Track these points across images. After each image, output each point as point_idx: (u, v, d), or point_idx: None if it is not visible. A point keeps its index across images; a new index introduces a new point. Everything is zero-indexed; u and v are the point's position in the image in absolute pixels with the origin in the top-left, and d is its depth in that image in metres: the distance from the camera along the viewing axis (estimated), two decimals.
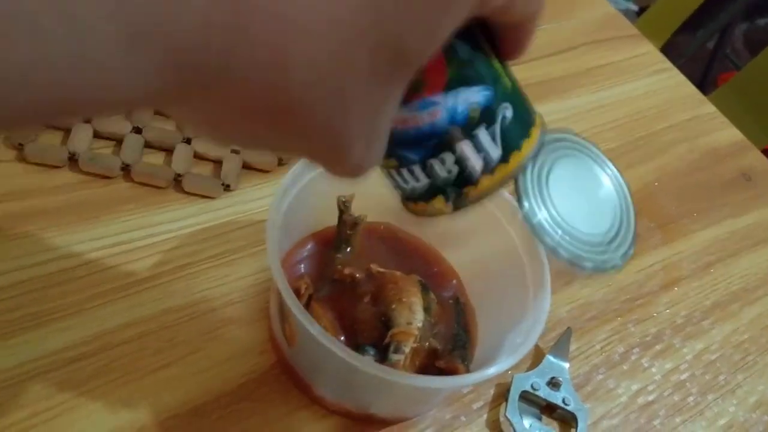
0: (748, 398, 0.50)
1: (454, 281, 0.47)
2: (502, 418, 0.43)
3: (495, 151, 0.25)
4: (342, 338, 0.40)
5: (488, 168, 0.25)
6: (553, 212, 0.28)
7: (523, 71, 0.70)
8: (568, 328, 0.48)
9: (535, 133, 0.26)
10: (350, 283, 0.43)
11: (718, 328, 0.54)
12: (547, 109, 0.64)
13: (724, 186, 0.65)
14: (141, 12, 0.15)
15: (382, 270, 0.42)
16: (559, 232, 0.27)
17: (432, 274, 0.47)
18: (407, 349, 0.38)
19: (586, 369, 0.48)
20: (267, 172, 0.50)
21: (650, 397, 0.48)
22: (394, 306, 0.40)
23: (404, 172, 0.26)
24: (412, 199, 0.28)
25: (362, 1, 0.17)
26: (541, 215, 0.27)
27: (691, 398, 0.49)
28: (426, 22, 0.19)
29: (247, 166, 0.49)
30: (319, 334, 0.33)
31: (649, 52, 0.76)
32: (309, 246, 0.44)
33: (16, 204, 0.43)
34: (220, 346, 0.41)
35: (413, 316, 0.39)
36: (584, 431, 0.43)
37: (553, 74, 0.68)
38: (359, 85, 0.19)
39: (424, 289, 0.43)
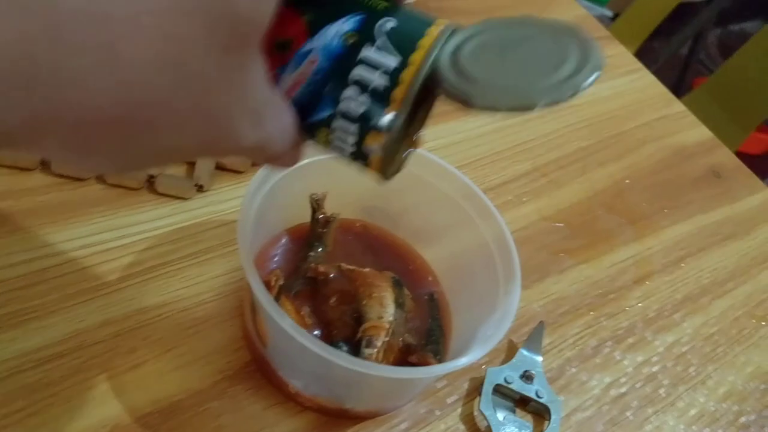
0: (718, 389, 0.51)
1: (430, 278, 0.48)
2: (476, 412, 0.44)
3: (391, 60, 0.24)
4: (316, 333, 0.41)
5: (394, 79, 0.24)
6: (482, 75, 0.25)
7: None
8: (541, 321, 0.48)
9: (433, 30, 0.25)
10: (323, 280, 0.43)
11: (689, 320, 0.55)
12: None
13: (693, 183, 0.66)
14: None
15: (351, 267, 0.43)
16: (490, 88, 0.24)
17: (407, 271, 0.47)
18: (379, 343, 0.39)
19: (559, 362, 0.48)
20: (240, 173, 0.50)
21: (622, 389, 0.48)
22: (365, 302, 0.41)
23: (338, 134, 0.25)
24: (362, 157, 0.26)
25: None
26: (467, 83, 0.24)
27: (662, 390, 0.50)
28: None
29: (220, 167, 0.49)
30: (290, 327, 0.33)
31: (620, 54, 0.78)
32: (283, 242, 0.44)
33: None
34: (195, 345, 0.41)
35: (384, 310, 0.40)
36: (557, 423, 0.44)
37: None
38: (206, 65, 0.19)
39: (397, 284, 0.43)
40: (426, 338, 0.43)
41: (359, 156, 0.26)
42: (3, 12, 0.15)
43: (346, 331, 0.41)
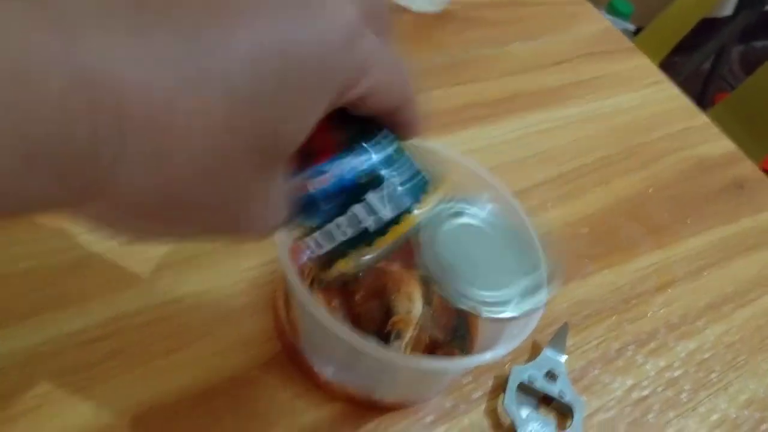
0: (740, 396, 0.51)
1: None
2: (500, 409, 0.44)
3: (386, 213, 0.27)
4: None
5: (380, 229, 0.27)
6: (454, 268, 0.30)
7: (518, 82, 0.72)
8: (565, 323, 0.49)
9: (429, 199, 0.28)
10: (353, 275, 0.44)
11: (711, 328, 0.55)
12: (542, 118, 0.67)
13: (716, 194, 0.67)
14: (36, 133, 0.17)
15: (380, 265, 0.44)
16: (459, 283, 0.30)
17: None
18: (407, 336, 0.40)
19: (582, 364, 0.49)
20: None
21: (644, 392, 0.49)
22: (393, 296, 0.42)
23: (311, 241, 0.28)
24: (324, 267, 0.29)
25: (236, 105, 0.20)
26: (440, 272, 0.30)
27: (684, 395, 0.50)
28: (294, 115, 0.21)
29: None
30: (323, 316, 0.34)
31: (644, 65, 0.79)
32: None
33: None
34: (228, 333, 0.42)
35: (412, 304, 0.41)
36: (580, 423, 0.45)
37: (550, 84, 0.70)
38: (240, 175, 0.21)
39: (425, 281, 0.44)
40: (452, 335, 0.44)
41: (319, 262, 0.29)
42: (77, 109, 0.17)
43: (375, 325, 0.42)
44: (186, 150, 0.19)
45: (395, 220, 0.27)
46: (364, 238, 0.27)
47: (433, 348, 0.43)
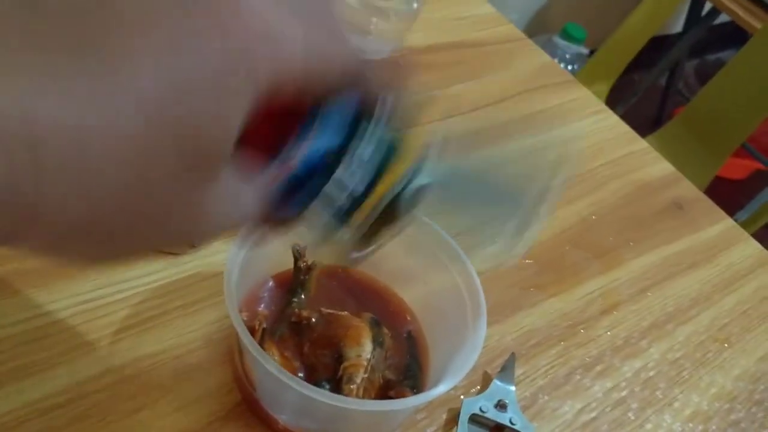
0: (684, 410, 0.54)
1: (408, 317, 0.51)
2: None
3: (357, 186, 0.26)
4: (300, 375, 0.44)
5: (358, 200, 0.27)
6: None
7: (464, 122, 0.75)
8: (512, 353, 0.52)
9: (400, 167, 0.28)
10: (306, 324, 0.47)
11: (655, 346, 0.58)
12: (488, 154, 0.70)
13: (657, 216, 0.70)
14: None
15: (330, 311, 0.46)
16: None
17: (387, 311, 0.51)
18: (359, 380, 0.42)
19: (532, 391, 0.52)
20: None
21: (592, 414, 0.52)
22: (343, 342, 0.44)
23: (311, 218, 0.27)
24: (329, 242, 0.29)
25: (150, 127, 0.20)
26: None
27: (631, 413, 0.53)
28: (211, 116, 0.21)
29: None
30: (274, 369, 0.36)
31: (585, 96, 0.82)
32: (268, 287, 0.48)
33: None
34: (189, 389, 0.44)
35: (362, 348, 0.43)
36: None
37: (494, 122, 0.74)
38: (175, 185, 0.21)
39: (375, 324, 0.47)
40: (404, 374, 0.47)
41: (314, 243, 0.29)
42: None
43: (329, 371, 0.44)
44: (109, 169, 0.19)
45: (371, 188, 0.27)
46: (342, 218, 0.27)
47: (386, 388, 0.45)
